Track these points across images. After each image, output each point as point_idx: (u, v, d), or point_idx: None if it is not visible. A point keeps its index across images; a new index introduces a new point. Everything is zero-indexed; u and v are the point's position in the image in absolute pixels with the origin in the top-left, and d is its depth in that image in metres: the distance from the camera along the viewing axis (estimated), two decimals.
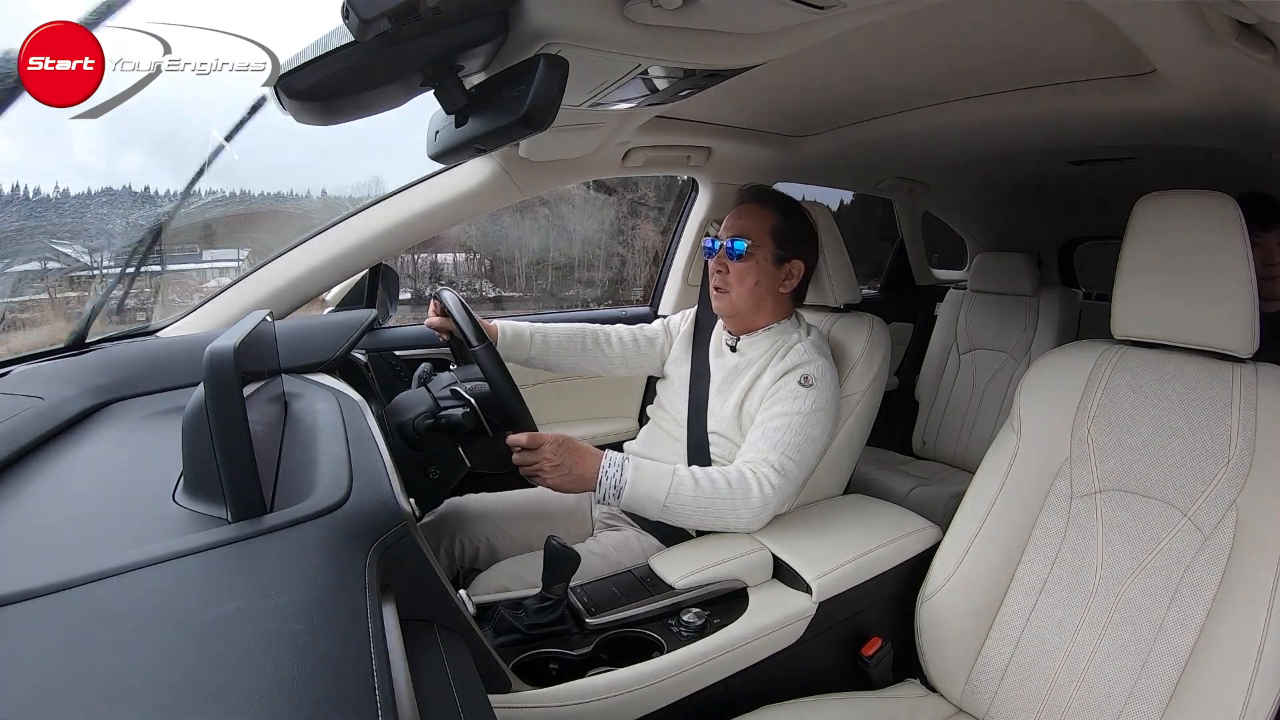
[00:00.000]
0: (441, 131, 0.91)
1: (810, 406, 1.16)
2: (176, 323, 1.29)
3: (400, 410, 1.08)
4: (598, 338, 1.45)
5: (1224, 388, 0.92)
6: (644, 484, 1.06)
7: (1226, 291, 0.90)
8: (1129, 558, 0.93)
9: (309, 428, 0.73)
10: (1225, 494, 0.88)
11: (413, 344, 1.57)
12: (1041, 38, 1.02)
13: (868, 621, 1.15)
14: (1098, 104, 1.19)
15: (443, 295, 1.21)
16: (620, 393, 1.90)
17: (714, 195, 1.87)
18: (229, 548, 0.46)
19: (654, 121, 1.36)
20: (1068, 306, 2.25)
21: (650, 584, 1.06)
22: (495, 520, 1.29)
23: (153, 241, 1.28)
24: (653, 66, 0.92)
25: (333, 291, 1.45)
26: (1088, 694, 0.92)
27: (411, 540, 0.57)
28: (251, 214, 2.04)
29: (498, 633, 0.95)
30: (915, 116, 1.44)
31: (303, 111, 0.79)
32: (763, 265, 1.25)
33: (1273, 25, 0.77)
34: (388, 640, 0.43)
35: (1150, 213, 0.98)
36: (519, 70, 0.76)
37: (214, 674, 0.35)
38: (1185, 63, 0.97)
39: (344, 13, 0.61)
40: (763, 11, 0.81)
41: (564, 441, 1.05)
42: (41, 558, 0.46)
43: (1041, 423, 1.04)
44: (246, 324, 0.61)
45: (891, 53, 1.11)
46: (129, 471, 0.64)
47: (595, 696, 0.87)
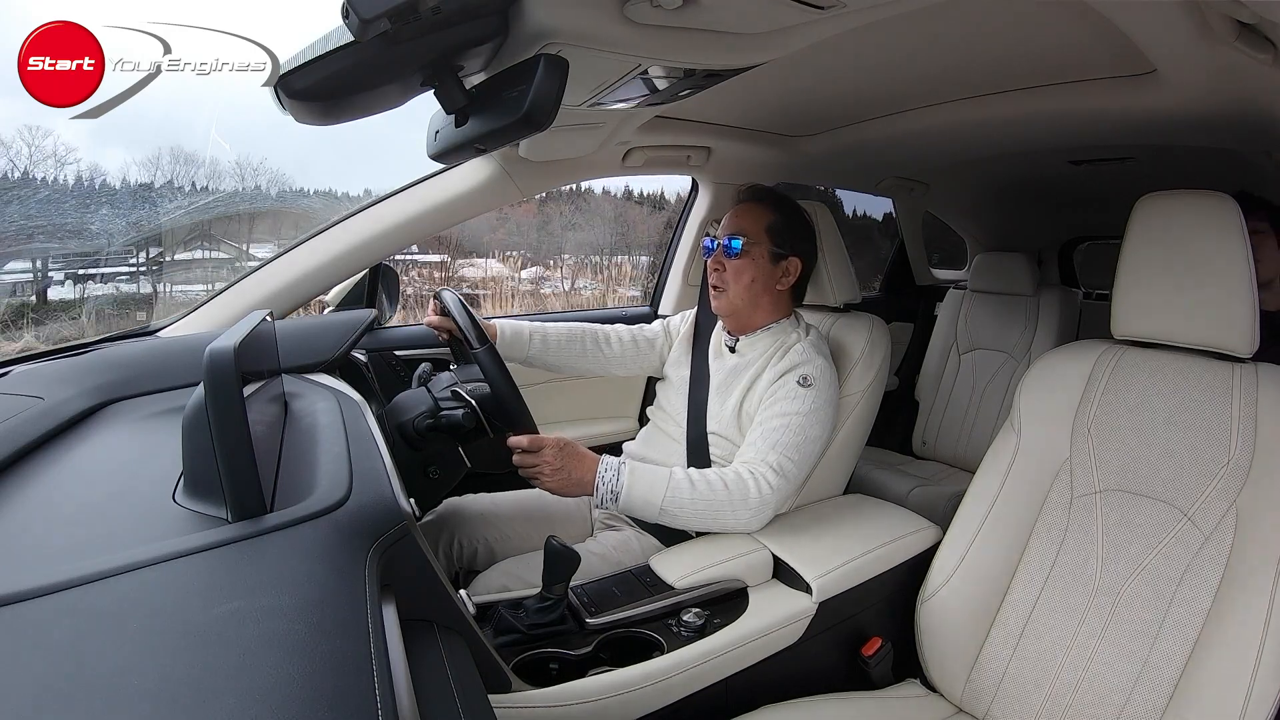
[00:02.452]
0: (441, 131, 0.91)
1: (809, 406, 1.16)
2: (176, 323, 1.29)
3: (400, 410, 1.08)
4: (597, 337, 1.45)
5: (1224, 388, 0.92)
6: (640, 488, 1.06)
7: (1226, 291, 0.90)
8: (1129, 558, 0.93)
9: (309, 428, 0.73)
10: (1225, 494, 0.88)
11: (413, 344, 1.57)
12: (1041, 38, 1.02)
13: (868, 621, 1.15)
14: (1098, 104, 1.19)
15: (443, 295, 1.21)
16: (620, 393, 1.90)
17: (714, 195, 1.87)
18: (229, 548, 0.46)
19: (654, 121, 1.36)
20: (1068, 306, 2.25)
21: (650, 584, 1.06)
22: (495, 520, 1.29)
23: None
24: (653, 66, 0.92)
25: (333, 291, 1.45)
26: (1088, 694, 0.92)
27: (411, 540, 0.57)
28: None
29: (498, 633, 0.95)
30: (915, 116, 1.44)
31: (302, 111, 0.79)
32: (759, 263, 1.25)
33: (1273, 25, 0.77)
34: (388, 640, 0.43)
35: (1150, 213, 0.98)
36: (519, 70, 0.76)
37: (214, 674, 0.35)
38: (1185, 63, 0.97)
39: (344, 13, 0.61)
40: (763, 11, 0.81)
41: (565, 445, 1.06)
42: (41, 558, 0.46)
43: (1041, 423, 1.04)
44: (246, 324, 0.61)
45: (891, 53, 1.11)
46: (129, 471, 0.64)
47: (595, 696, 0.87)
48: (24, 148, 2.44)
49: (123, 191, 2.49)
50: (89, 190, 2.93)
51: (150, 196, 2.06)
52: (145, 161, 3.18)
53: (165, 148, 3.01)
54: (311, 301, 1.42)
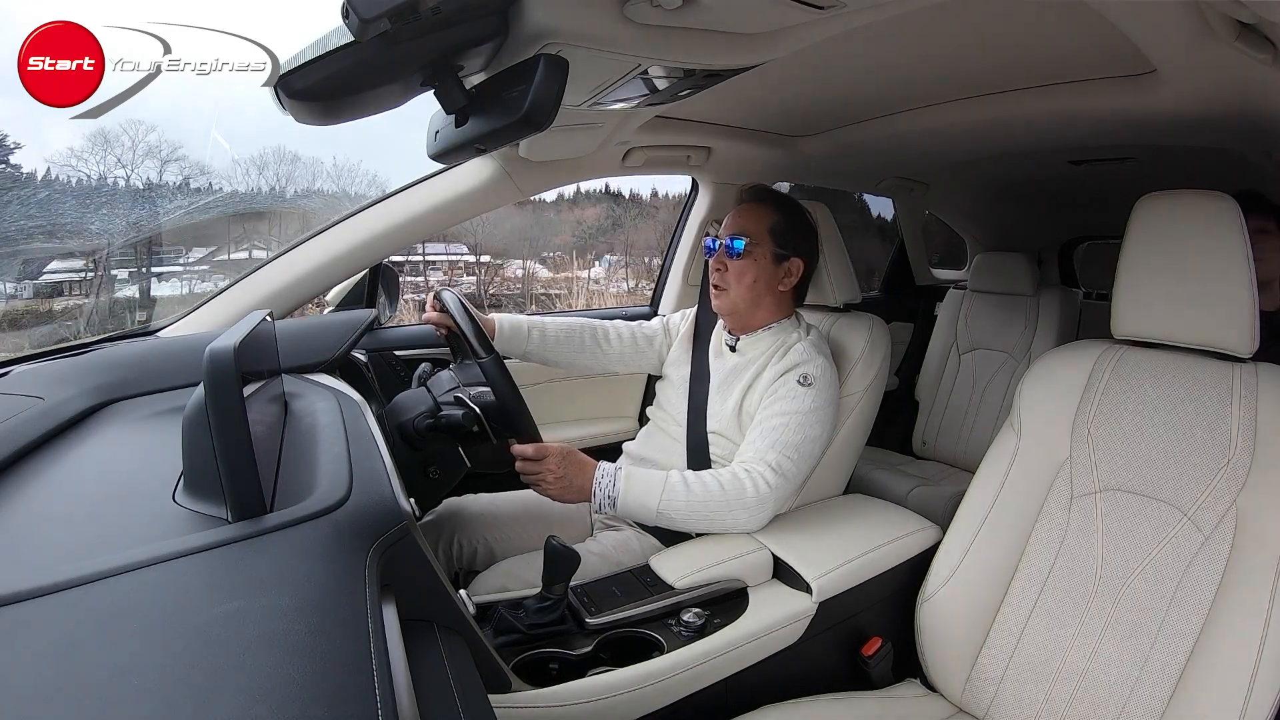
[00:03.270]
0: (441, 131, 0.91)
1: (809, 406, 1.16)
2: (176, 323, 1.29)
3: (400, 410, 1.08)
4: (595, 333, 1.45)
5: (1224, 387, 0.92)
6: (635, 492, 1.07)
7: (1226, 291, 0.90)
8: (1129, 558, 0.93)
9: (309, 428, 0.73)
10: (1225, 494, 0.88)
11: (413, 344, 1.57)
12: (1041, 38, 1.02)
13: (868, 621, 1.15)
14: (1098, 104, 1.19)
15: (443, 295, 1.21)
16: (620, 393, 1.90)
17: (714, 195, 1.87)
18: (229, 548, 0.46)
19: (654, 121, 1.36)
20: (1068, 306, 2.25)
21: (650, 584, 1.06)
22: (494, 520, 1.29)
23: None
24: (653, 66, 0.92)
25: (333, 291, 1.45)
26: (1088, 694, 0.92)
27: (412, 540, 0.57)
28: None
29: (498, 633, 0.95)
30: (915, 116, 1.44)
31: (302, 111, 0.79)
32: (761, 263, 1.25)
33: (1273, 25, 0.77)
34: (388, 640, 0.43)
35: (1150, 213, 0.98)
36: (519, 70, 0.76)
37: (214, 674, 0.35)
38: (1185, 63, 0.97)
39: (344, 13, 0.61)
40: (763, 11, 0.81)
41: (568, 454, 1.07)
42: (41, 558, 0.46)
43: (1041, 423, 1.04)
44: (246, 324, 0.61)
45: (891, 53, 1.11)
46: (129, 471, 0.64)
47: (595, 696, 0.87)
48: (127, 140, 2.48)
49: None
50: (190, 190, 2.99)
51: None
52: (251, 159, 3.27)
53: (270, 148, 3.09)
54: (311, 301, 1.42)
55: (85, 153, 2.91)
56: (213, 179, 3.36)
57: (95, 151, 2.80)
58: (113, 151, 2.91)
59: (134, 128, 2.61)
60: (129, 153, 2.68)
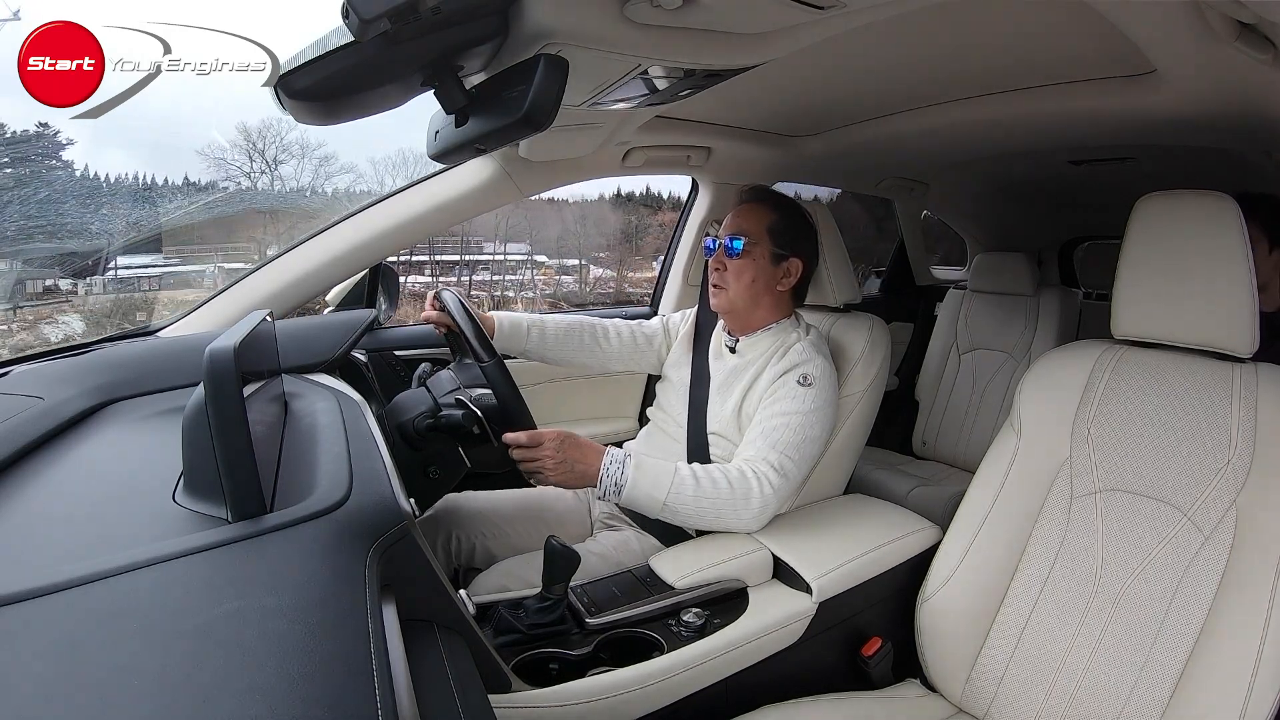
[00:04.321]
0: (441, 131, 0.91)
1: (809, 406, 1.16)
2: (176, 323, 1.29)
3: (400, 410, 1.08)
4: (595, 331, 1.45)
5: (1224, 388, 0.92)
6: (645, 482, 1.06)
7: (1226, 291, 0.90)
8: (1129, 558, 0.93)
9: (309, 428, 0.73)
10: (1225, 494, 0.88)
11: (413, 344, 1.57)
12: (1041, 38, 1.02)
13: (868, 621, 1.15)
14: (1098, 104, 1.19)
15: (443, 296, 1.21)
16: (620, 393, 1.90)
17: (714, 195, 1.87)
18: (229, 548, 0.46)
19: (654, 121, 1.36)
20: (1068, 306, 2.25)
21: (650, 584, 1.06)
22: (492, 518, 1.29)
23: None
24: (653, 66, 0.92)
25: (333, 291, 1.45)
26: (1088, 694, 0.92)
27: (412, 540, 0.57)
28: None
29: (498, 633, 0.95)
30: (915, 116, 1.44)
31: (302, 111, 0.79)
32: (760, 263, 1.25)
33: (1272, 25, 0.77)
34: (388, 640, 0.43)
35: (1150, 213, 0.98)
36: (519, 70, 0.76)
37: (214, 674, 0.35)
38: (1185, 62, 0.97)
39: (344, 13, 0.61)
40: (763, 11, 0.81)
41: (566, 438, 1.05)
42: (41, 558, 0.46)
43: (1041, 423, 1.04)
44: (246, 324, 0.61)
45: (891, 53, 1.11)
46: (129, 471, 0.64)
47: (595, 696, 0.87)
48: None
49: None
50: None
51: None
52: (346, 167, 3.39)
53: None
54: (311, 301, 1.42)
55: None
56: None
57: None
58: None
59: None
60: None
